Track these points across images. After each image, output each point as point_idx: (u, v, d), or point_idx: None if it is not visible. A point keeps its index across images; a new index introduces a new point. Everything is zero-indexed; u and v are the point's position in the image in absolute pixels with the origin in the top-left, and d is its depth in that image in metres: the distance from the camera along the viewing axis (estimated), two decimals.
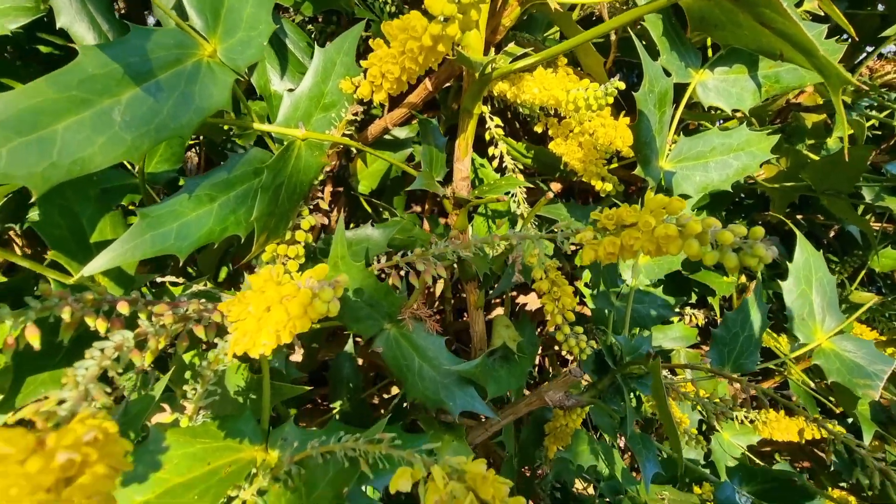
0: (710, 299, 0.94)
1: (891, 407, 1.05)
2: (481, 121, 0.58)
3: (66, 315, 0.27)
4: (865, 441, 0.94)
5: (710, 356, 0.53)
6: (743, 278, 0.93)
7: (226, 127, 0.66)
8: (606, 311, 0.64)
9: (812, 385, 1.06)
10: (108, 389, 0.22)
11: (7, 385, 0.32)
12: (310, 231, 0.44)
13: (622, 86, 0.42)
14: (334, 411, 0.64)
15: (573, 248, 0.35)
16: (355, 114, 0.42)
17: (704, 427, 0.91)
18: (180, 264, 0.40)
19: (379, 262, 0.42)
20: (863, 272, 0.99)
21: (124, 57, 0.30)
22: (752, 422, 0.75)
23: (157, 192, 0.59)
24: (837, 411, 0.88)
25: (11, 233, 0.67)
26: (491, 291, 0.60)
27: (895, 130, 0.82)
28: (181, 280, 0.45)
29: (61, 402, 0.20)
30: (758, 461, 0.84)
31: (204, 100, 0.33)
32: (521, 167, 0.64)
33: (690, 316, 0.96)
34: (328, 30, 0.80)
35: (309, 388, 0.42)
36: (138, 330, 0.27)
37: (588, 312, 0.73)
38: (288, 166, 0.40)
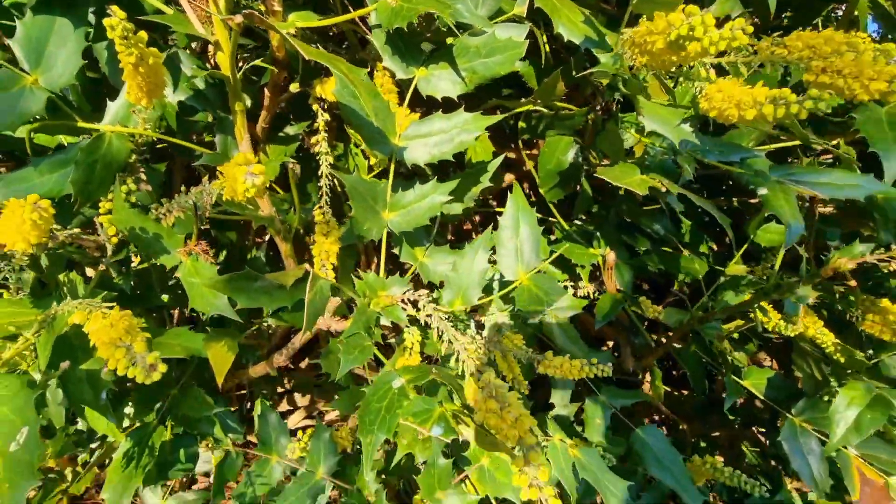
0: (578, 269, 1.03)
1: (801, 382, 1.08)
2: None
3: None
4: (726, 406, 0.97)
5: (444, 294, 0.67)
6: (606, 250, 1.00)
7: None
8: None
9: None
10: None
11: None
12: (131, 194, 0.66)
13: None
14: None
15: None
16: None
17: None
18: None
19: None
20: (745, 245, 1.02)
21: None
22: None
23: None
24: None
25: None
26: None
27: None
28: None
29: None
30: None
31: (25, 108, 0.56)
32: None
33: (582, 288, 1.03)
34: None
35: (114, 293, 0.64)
36: None
37: None
38: (101, 148, 0.62)
